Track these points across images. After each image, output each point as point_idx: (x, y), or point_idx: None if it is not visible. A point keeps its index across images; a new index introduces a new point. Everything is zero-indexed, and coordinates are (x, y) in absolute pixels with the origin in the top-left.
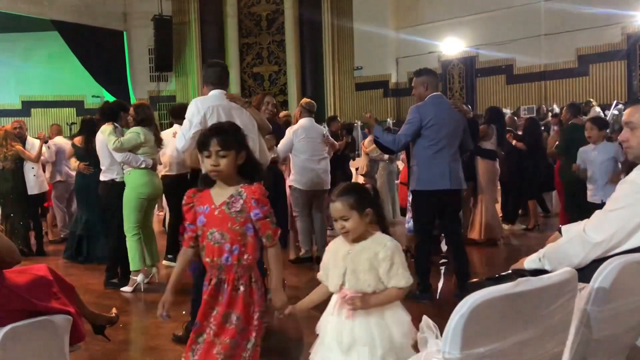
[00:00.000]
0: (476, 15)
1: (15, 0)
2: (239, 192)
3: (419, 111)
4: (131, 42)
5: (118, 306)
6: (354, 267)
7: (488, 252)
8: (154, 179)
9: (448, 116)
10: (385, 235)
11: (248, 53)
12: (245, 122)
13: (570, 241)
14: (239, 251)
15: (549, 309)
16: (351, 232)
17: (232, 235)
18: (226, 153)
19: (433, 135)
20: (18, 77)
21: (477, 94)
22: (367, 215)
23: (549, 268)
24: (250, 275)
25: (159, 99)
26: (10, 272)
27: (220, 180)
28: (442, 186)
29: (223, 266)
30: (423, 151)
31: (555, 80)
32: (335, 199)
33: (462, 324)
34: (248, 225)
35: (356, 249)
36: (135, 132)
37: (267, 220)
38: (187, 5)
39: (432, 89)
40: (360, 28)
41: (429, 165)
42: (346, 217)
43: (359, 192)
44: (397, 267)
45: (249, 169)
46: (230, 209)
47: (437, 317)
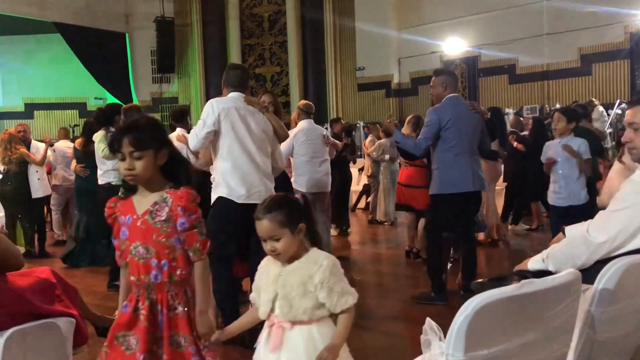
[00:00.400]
0: (478, 15)
1: (18, 3)
2: (163, 198)
3: (437, 113)
4: (133, 44)
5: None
6: (286, 292)
7: (491, 253)
8: None
9: (466, 117)
10: (321, 253)
11: (250, 54)
12: (262, 126)
13: (573, 242)
14: (169, 266)
15: (553, 310)
16: (283, 254)
17: (158, 249)
18: (141, 154)
19: (452, 137)
20: (21, 79)
21: (480, 94)
22: (300, 231)
23: (553, 269)
24: (185, 290)
25: (162, 101)
26: (13, 275)
27: (142, 186)
28: (465, 189)
29: (152, 285)
30: (444, 154)
31: (557, 79)
32: (262, 216)
33: (465, 326)
34: (177, 237)
35: (288, 270)
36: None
37: (195, 231)
38: (189, 7)
39: (451, 89)
40: (363, 28)
41: (451, 168)
42: (276, 236)
43: (289, 206)
44: (338, 289)
45: (175, 170)
46: (154, 218)
47: (441, 318)
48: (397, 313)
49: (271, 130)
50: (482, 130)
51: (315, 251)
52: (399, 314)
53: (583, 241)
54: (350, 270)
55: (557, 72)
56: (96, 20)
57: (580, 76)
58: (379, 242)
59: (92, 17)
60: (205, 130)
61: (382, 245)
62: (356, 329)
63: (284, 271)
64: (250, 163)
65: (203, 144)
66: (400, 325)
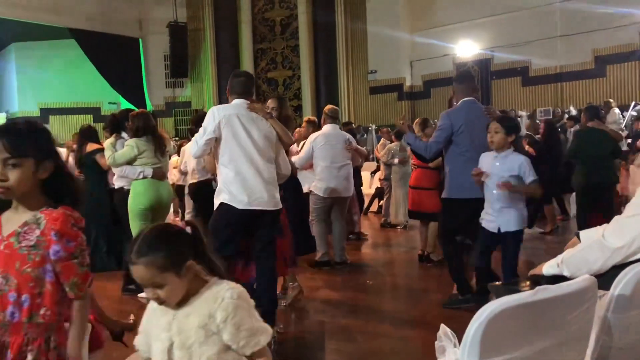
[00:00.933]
0: (491, 17)
1: (33, 10)
2: (36, 218)
3: (450, 117)
4: (147, 49)
5: (136, 312)
6: (183, 340)
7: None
8: (154, 188)
9: (479, 122)
10: (223, 284)
11: (262, 58)
12: (264, 133)
13: (589, 247)
14: (31, 303)
15: (568, 317)
16: (169, 301)
17: (20, 281)
18: (18, 161)
19: (464, 142)
20: (36, 84)
21: (493, 96)
22: (189, 269)
23: (568, 274)
24: (49, 338)
25: (175, 105)
26: None
27: (16, 201)
28: (475, 195)
29: (8, 324)
30: (455, 158)
31: (571, 81)
32: (136, 260)
33: (480, 333)
34: (46, 267)
35: (183, 312)
36: (129, 145)
37: (74, 262)
38: (202, 12)
39: (464, 94)
40: (374, 31)
41: (461, 173)
42: (158, 282)
43: (170, 242)
44: (246, 327)
45: (59, 187)
46: (20, 242)
47: (456, 324)
48: (410, 317)
49: (274, 137)
50: None
51: (216, 282)
52: (412, 319)
53: (599, 246)
54: (364, 274)
55: (571, 74)
56: (110, 26)
57: (594, 78)
58: (392, 246)
59: (106, 23)
60: (206, 137)
61: (394, 248)
62: (369, 334)
63: (177, 314)
64: (252, 170)
65: (203, 151)
66: (414, 330)
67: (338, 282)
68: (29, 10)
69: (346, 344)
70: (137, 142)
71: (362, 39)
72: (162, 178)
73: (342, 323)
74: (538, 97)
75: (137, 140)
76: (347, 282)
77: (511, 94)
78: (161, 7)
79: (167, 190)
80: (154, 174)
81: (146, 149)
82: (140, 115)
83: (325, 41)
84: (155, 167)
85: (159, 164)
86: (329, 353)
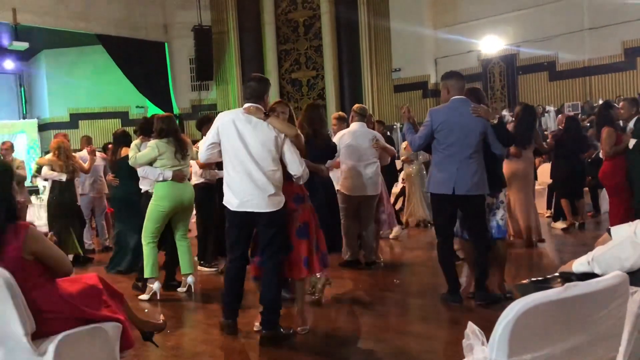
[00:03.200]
0: (516, 12)
1: (62, 17)
2: None
3: (431, 115)
4: (172, 53)
5: (166, 313)
6: None
7: (530, 253)
8: (175, 191)
9: (459, 121)
10: None
11: (286, 59)
12: (261, 137)
13: (621, 244)
14: None
15: (599, 314)
16: None
17: None
18: None
19: (442, 140)
20: (66, 90)
21: (519, 92)
22: None
23: (599, 272)
24: None
25: (201, 108)
26: (62, 281)
27: None
28: (446, 191)
29: None
30: (435, 154)
31: (600, 75)
32: None
33: (509, 330)
34: None
35: None
36: (151, 146)
37: None
38: (226, 15)
39: (455, 92)
40: (398, 29)
41: (438, 169)
42: None
43: None
44: None
45: None
46: None
47: (484, 322)
48: (438, 316)
49: (273, 139)
50: (487, 134)
51: None
52: (440, 317)
53: (630, 243)
54: (391, 273)
55: (600, 67)
56: (136, 31)
57: (624, 71)
58: (417, 245)
59: (132, 28)
60: (207, 142)
61: (420, 247)
62: (397, 333)
63: None
64: (242, 174)
65: (208, 156)
66: (442, 329)
67: (365, 281)
68: (58, 18)
69: (374, 343)
70: (158, 143)
71: (386, 36)
72: (182, 180)
73: (370, 322)
74: (566, 92)
75: (158, 142)
76: (374, 281)
77: (538, 89)
78: (186, 11)
79: (188, 192)
80: (174, 176)
81: (166, 151)
82: (164, 118)
83: (349, 40)
84: (174, 169)
85: (179, 166)
86: (357, 352)
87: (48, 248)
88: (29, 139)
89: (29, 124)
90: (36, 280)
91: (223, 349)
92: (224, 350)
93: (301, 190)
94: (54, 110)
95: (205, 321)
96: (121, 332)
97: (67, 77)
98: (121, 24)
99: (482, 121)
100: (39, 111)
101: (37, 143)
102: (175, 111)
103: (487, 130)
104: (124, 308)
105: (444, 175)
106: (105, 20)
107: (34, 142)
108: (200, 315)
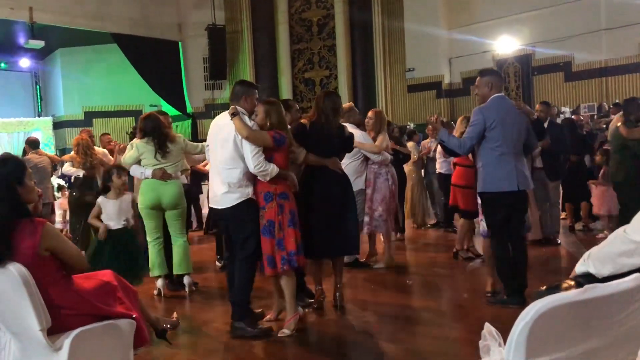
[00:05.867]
0: (531, 12)
1: (77, 16)
2: None
3: (482, 113)
4: (186, 52)
5: (179, 309)
6: None
7: (546, 252)
8: (152, 189)
9: (511, 117)
10: None
11: (299, 59)
12: (226, 134)
13: (612, 241)
14: None
15: (618, 316)
16: None
17: None
18: None
19: (497, 137)
20: (80, 88)
21: (534, 92)
22: None
23: (593, 270)
24: None
25: (214, 107)
26: (78, 278)
27: None
28: (509, 188)
29: None
30: (488, 153)
31: (617, 76)
32: None
33: (526, 332)
34: None
35: None
36: (130, 146)
37: None
38: (240, 15)
39: (496, 89)
40: (412, 29)
41: (495, 167)
42: None
43: None
44: None
45: None
46: None
47: (499, 323)
48: (452, 317)
49: (232, 138)
50: (528, 130)
51: None
52: (454, 318)
53: (621, 240)
54: (403, 274)
55: (617, 68)
56: (151, 30)
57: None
58: (430, 246)
59: (146, 27)
60: (205, 144)
61: (432, 248)
62: (411, 334)
63: None
64: (213, 172)
65: (207, 157)
66: (456, 330)
67: (378, 282)
68: (73, 16)
69: (388, 344)
70: (138, 143)
71: (400, 37)
72: (163, 178)
73: (383, 323)
74: (582, 93)
75: (138, 142)
76: (386, 282)
77: (553, 90)
78: (200, 10)
79: (168, 191)
80: (153, 174)
81: (145, 150)
82: (143, 118)
83: (362, 40)
84: (155, 167)
85: (159, 164)
86: (370, 353)
87: (64, 244)
88: (44, 136)
89: (44, 121)
90: (52, 276)
91: (233, 347)
92: (234, 349)
93: (274, 188)
94: (69, 108)
95: (216, 319)
96: (135, 329)
97: (82, 76)
98: (136, 23)
99: (525, 117)
100: (53, 109)
101: (52, 140)
102: (188, 110)
103: (529, 126)
104: (138, 305)
105: (503, 172)
106: (120, 19)
107: (49, 140)
108: (210, 313)
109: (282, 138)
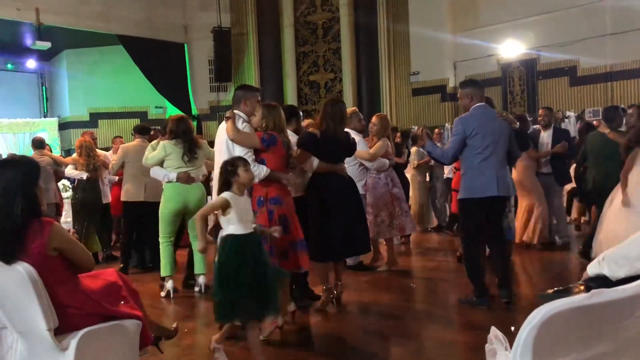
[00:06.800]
0: (537, 17)
1: (83, 18)
2: None
3: (462, 123)
4: (192, 54)
5: (183, 311)
6: None
7: (544, 256)
8: (179, 193)
9: (491, 125)
10: None
11: (304, 61)
12: (219, 137)
13: (629, 244)
14: None
15: (625, 321)
16: None
17: None
18: None
19: (478, 144)
20: (86, 90)
21: (539, 97)
22: None
23: (607, 272)
24: None
25: (219, 109)
26: (84, 277)
27: None
28: (490, 193)
29: None
30: (470, 160)
31: (622, 81)
32: None
33: (533, 336)
34: None
35: None
36: (159, 147)
37: None
38: (245, 17)
39: (477, 99)
40: (417, 33)
41: (476, 173)
42: None
43: None
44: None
45: None
46: None
47: (505, 327)
48: (457, 320)
49: (224, 141)
50: (511, 138)
51: None
52: (459, 322)
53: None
54: (408, 277)
55: (622, 72)
56: (156, 32)
57: None
58: (434, 249)
59: (152, 29)
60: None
61: (437, 252)
62: (416, 337)
63: None
64: (215, 175)
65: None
66: (461, 333)
67: (382, 285)
68: (79, 18)
69: (393, 347)
70: (166, 144)
71: (405, 40)
72: (188, 182)
73: (388, 325)
74: (587, 97)
75: (166, 143)
76: (390, 285)
77: (558, 95)
78: (205, 12)
79: (194, 194)
80: (178, 177)
81: (172, 152)
82: (175, 119)
83: (367, 43)
84: (179, 170)
85: (185, 168)
86: (374, 355)
87: (72, 244)
88: (50, 137)
89: (50, 122)
90: (60, 275)
91: (238, 348)
92: (238, 350)
93: (265, 192)
94: (74, 109)
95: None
96: (140, 329)
97: (87, 77)
98: (142, 25)
99: (508, 125)
100: (59, 110)
101: (58, 141)
102: (193, 112)
103: (511, 134)
104: (141, 305)
105: (484, 179)
106: (126, 20)
107: (54, 141)
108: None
109: (272, 138)
